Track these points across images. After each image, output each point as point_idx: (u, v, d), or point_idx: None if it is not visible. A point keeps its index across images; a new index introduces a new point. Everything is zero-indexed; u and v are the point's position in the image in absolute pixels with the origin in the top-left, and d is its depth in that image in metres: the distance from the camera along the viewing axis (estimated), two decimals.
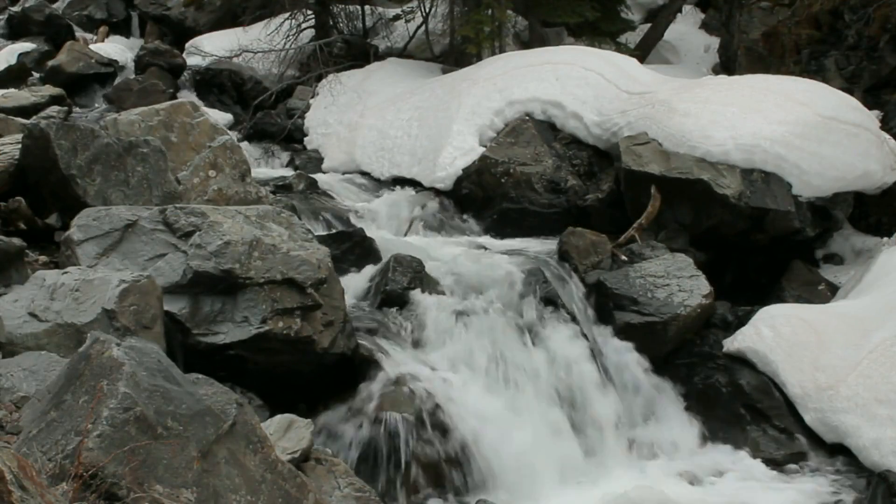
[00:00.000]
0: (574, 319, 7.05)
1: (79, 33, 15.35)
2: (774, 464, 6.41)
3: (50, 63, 13.26)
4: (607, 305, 7.26)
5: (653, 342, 7.09)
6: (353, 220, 8.75)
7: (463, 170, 9.30)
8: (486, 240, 8.68)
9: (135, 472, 3.13)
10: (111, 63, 13.62)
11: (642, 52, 13.63)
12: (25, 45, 14.37)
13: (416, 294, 6.80)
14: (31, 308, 4.87)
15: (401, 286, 6.81)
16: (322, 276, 5.77)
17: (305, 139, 11.43)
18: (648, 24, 15.06)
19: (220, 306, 5.51)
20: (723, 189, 8.12)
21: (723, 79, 10.24)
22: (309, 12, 13.31)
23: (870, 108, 9.34)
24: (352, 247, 7.46)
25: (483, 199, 9.23)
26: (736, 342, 6.98)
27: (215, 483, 3.37)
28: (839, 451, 6.29)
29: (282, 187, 9.03)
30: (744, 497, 6.04)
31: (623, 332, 7.10)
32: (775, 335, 6.83)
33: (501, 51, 11.90)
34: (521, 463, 6.03)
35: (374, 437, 5.74)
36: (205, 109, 8.84)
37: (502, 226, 9.02)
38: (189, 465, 3.30)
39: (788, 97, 8.68)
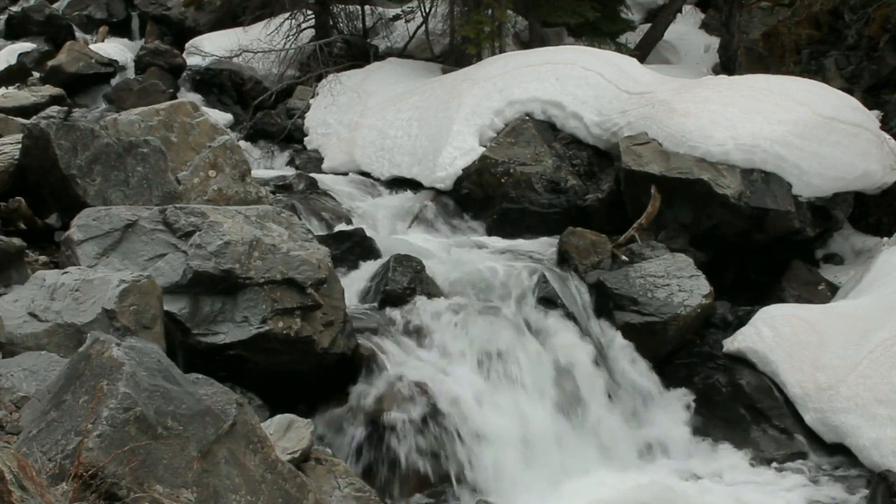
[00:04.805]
0: (574, 319, 7.06)
1: (78, 33, 15.35)
2: (774, 464, 6.41)
3: (50, 63, 13.23)
4: (607, 305, 7.26)
5: (653, 342, 7.09)
6: (353, 220, 8.75)
7: (463, 170, 9.30)
8: (486, 240, 8.67)
9: (135, 472, 3.13)
10: (111, 63, 13.61)
11: (642, 52, 13.63)
12: (25, 45, 14.35)
13: (416, 294, 6.80)
14: (31, 308, 4.87)
15: (401, 286, 6.81)
16: (322, 276, 5.77)
17: (305, 139, 11.43)
18: (648, 24, 15.05)
19: (220, 306, 5.50)
20: (723, 189, 8.13)
21: (723, 79, 10.23)
22: (309, 12, 13.30)
23: (870, 108, 9.33)
24: (352, 247, 7.47)
25: (483, 199, 9.23)
26: (736, 342, 6.98)
27: (215, 483, 3.37)
28: (839, 451, 6.28)
29: (282, 187, 9.03)
30: (743, 497, 6.04)
31: (623, 332, 7.10)
32: (775, 335, 6.83)
33: (501, 51, 11.90)
34: (522, 462, 6.04)
35: (374, 437, 5.75)
36: (205, 109, 8.82)
37: (502, 226, 9.01)
38: (189, 465, 3.30)
39: (788, 97, 8.68)
